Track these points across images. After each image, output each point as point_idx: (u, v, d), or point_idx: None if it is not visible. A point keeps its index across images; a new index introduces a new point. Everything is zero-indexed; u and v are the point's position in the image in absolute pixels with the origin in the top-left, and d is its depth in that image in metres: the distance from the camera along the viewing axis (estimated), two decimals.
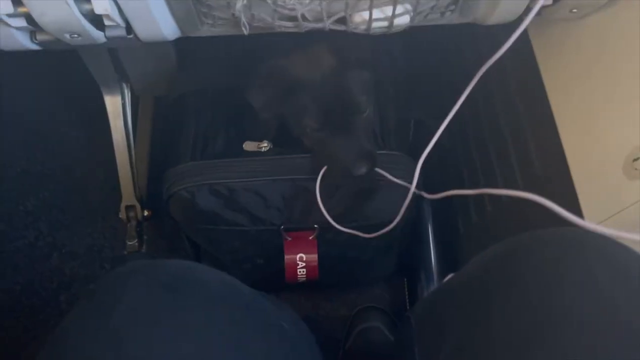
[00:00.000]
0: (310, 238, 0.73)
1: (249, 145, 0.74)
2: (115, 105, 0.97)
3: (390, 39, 0.56)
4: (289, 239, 0.73)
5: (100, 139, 1.00)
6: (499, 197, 0.75)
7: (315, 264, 0.73)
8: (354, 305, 0.94)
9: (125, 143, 0.99)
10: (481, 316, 0.39)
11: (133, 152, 1.00)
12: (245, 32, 0.51)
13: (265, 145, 0.73)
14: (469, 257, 0.87)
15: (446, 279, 0.88)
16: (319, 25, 0.52)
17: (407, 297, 0.91)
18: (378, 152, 0.70)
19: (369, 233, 0.77)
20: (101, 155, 1.04)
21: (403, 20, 0.54)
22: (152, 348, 0.35)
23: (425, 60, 0.93)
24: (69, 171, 1.08)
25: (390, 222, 0.74)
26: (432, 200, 0.91)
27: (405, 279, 0.92)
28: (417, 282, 0.89)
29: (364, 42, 0.60)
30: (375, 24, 0.53)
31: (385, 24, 0.53)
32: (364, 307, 0.90)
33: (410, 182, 0.70)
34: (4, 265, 1.00)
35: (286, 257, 0.72)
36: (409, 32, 0.56)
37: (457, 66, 0.91)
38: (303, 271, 0.73)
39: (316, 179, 0.68)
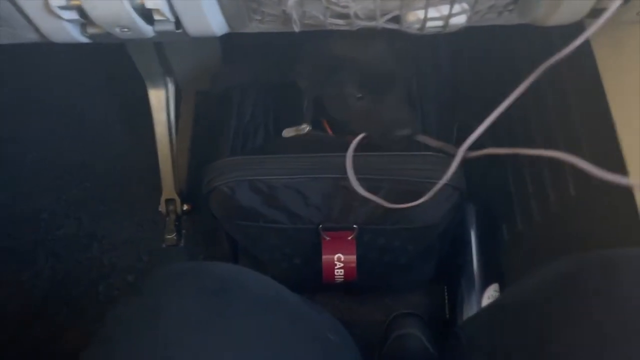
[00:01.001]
0: (349, 238, 0.72)
1: (288, 132, 0.74)
2: (159, 99, 0.98)
3: (434, 37, 0.55)
4: (327, 238, 0.72)
5: (142, 133, 1.01)
6: (548, 206, 0.72)
7: (354, 264, 0.71)
8: (389, 310, 0.92)
9: (167, 137, 1.00)
10: (552, 338, 0.36)
11: (175, 146, 1.01)
12: (297, 29, 0.50)
13: (303, 127, 0.72)
14: (513, 266, 0.84)
15: (489, 288, 0.86)
16: (372, 23, 0.50)
17: (446, 304, 0.88)
18: (419, 152, 0.69)
19: (411, 237, 0.75)
20: (143, 148, 1.05)
21: (459, 20, 0.51)
22: (198, 356, 0.34)
23: (470, 59, 0.90)
24: (111, 163, 1.10)
25: (434, 225, 0.73)
26: (476, 205, 0.90)
27: (445, 286, 0.90)
28: (457, 289, 0.87)
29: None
30: (429, 24, 0.51)
31: (440, 23, 0.51)
32: (402, 314, 0.88)
33: (452, 184, 0.68)
34: (45, 254, 1.02)
35: (324, 257, 0.71)
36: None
37: (506, 67, 0.88)
38: (341, 272, 0.72)
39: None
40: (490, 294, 0.85)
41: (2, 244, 1.03)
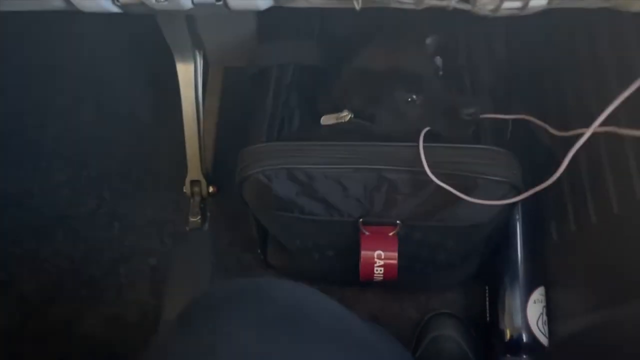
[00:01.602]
0: (391, 234, 0.67)
1: (327, 119, 0.68)
2: (188, 74, 0.92)
3: (490, 22, 0.51)
4: (367, 233, 0.67)
5: (169, 109, 0.96)
6: (610, 207, 0.66)
7: (395, 263, 0.66)
8: (424, 309, 0.87)
9: (194, 115, 0.94)
10: None
11: (202, 125, 0.95)
12: (357, 6, 0.44)
13: (345, 115, 0.67)
14: (562, 269, 0.79)
15: (535, 292, 0.80)
16: (442, 3, 0.44)
17: (487, 306, 0.83)
18: (474, 145, 0.65)
19: (456, 235, 0.70)
20: (169, 125, 1.00)
21: (539, 2, 0.45)
22: None
23: (528, 48, 0.83)
24: (135, 139, 1.05)
25: (483, 224, 0.67)
26: (523, 199, 0.83)
27: (487, 287, 0.84)
28: (499, 290, 0.81)
29: None
30: (506, 5, 0.45)
31: (517, 4, 0.45)
32: (439, 313, 0.83)
33: (510, 181, 0.63)
34: (65, 231, 0.98)
35: (363, 252, 0.66)
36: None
37: (566, 57, 0.81)
38: (380, 270, 0.66)
39: (403, 169, 0.62)
40: (536, 298, 0.80)
41: (20, 220, 0.99)
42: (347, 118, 0.67)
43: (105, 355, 0.88)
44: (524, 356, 0.78)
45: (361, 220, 0.66)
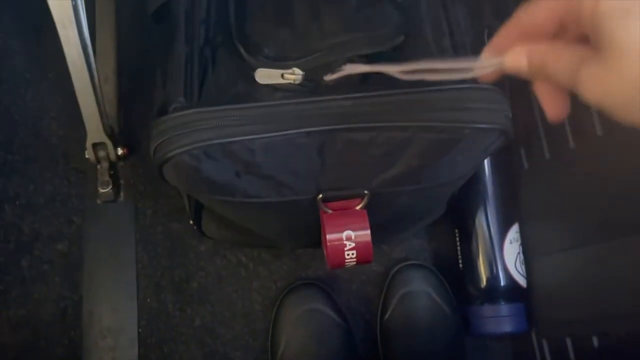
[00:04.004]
0: (358, 208, 0.54)
1: (265, 75, 0.52)
2: (64, 9, 0.70)
3: None
4: (330, 211, 0.54)
5: (51, 56, 0.75)
6: (593, 130, 0.58)
7: (369, 241, 0.53)
8: (388, 260, 0.77)
9: (82, 60, 0.74)
10: None
11: (95, 72, 0.75)
12: None
13: (293, 76, 0.51)
14: (537, 203, 0.71)
15: (510, 230, 0.72)
16: None
17: (459, 252, 0.74)
18: (450, 86, 0.49)
19: (434, 194, 0.59)
20: (56, 75, 0.79)
21: None
22: None
23: None
24: (15, 97, 0.82)
25: (465, 177, 0.57)
26: None
27: (457, 229, 0.75)
28: (471, 232, 0.73)
29: None
30: None
31: None
32: (406, 266, 0.74)
33: (501, 127, 0.50)
34: None
35: (328, 236, 0.53)
36: None
37: None
38: (352, 253, 0.54)
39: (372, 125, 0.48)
40: (513, 237, 0.72)
41: None
42: (298, 81, 0.50)
43: None
44: (502, 302, 0.72)
45: (320, 196, 0.52)
